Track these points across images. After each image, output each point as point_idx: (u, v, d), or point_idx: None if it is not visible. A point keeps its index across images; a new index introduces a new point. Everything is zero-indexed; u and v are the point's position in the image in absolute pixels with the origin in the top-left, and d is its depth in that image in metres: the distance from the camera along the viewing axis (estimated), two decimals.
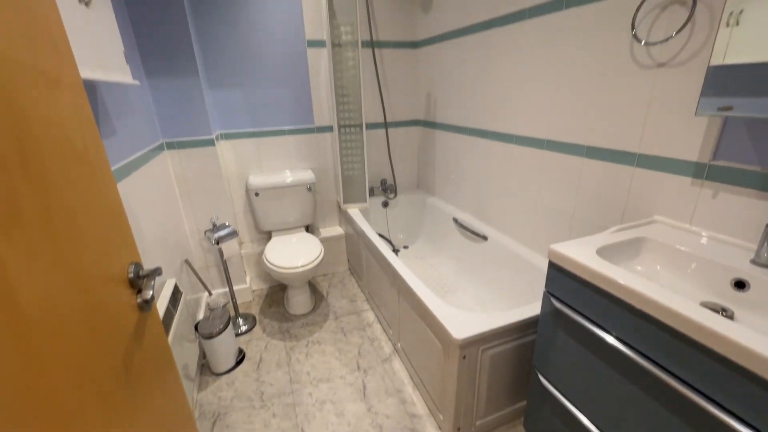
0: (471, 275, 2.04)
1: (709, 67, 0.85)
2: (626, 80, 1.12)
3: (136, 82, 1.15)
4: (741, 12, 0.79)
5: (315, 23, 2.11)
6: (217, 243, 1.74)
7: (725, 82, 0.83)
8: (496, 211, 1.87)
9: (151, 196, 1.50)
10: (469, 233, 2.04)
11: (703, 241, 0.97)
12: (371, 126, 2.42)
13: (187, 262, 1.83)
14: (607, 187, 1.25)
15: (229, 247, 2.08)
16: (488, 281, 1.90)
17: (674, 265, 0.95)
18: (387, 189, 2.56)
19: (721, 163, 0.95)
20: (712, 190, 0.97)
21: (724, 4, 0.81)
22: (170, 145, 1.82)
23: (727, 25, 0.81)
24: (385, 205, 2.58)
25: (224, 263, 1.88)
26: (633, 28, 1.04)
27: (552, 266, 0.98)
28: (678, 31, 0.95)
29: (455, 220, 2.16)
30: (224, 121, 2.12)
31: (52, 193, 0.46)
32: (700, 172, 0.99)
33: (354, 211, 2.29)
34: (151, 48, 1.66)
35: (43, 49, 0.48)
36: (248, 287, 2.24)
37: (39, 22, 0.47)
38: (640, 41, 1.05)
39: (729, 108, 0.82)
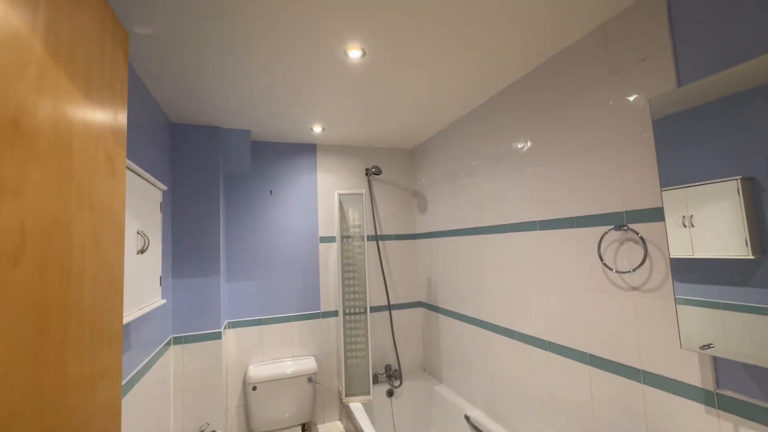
0: None
1: (677, 298, 0.95)
2: (607, 297, 1.23)
3: (164, 302, 1.27)
4: (692, 216, 0.94)
5: (327, 223, 2.47)
6: None
7: (693, 276, 0.91)
8: (511, 410, 1.72)
9: (145, 403, 1.43)
10: None
11: None
12: (375, 309, 2.50)
13: None
14: (622, 403, 1.20)
15: None
16: None
17: None
18: (392, 376, 2.43)
19: (727, 393, 0.94)
20: (732, 423, 0.93)
21: (661, 225, 0.98)
22: (177, 340, 1.85)
23: (684, 226, 0.95)
24: (390, 394, 2.40)
25: None
26: (601, 258, 1.22)
27: None
28: (636, 268, 1.11)
29: (467, 419, 1.96)
30: (233, 310, 2.21)
31: None
32: (710, 400, 0.97)
33: (356, 405, 2.12)
34: (184, 254, 1.89)
35: (101, 353, 0.57)
36: None
37: (104, 332, 0.58)
38: (610, 269, 1.20)
39: (709, 346, 0.88)
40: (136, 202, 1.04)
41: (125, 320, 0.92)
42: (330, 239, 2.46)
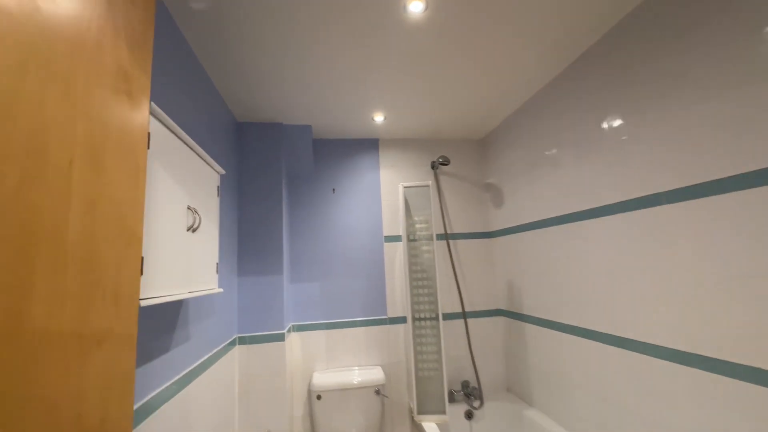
0: None
1: None
2: None
3: (220, 290, 1.19)
4: None
5: (392, 221, 2.29)
6: None
7: None
8: None
9: (209, 400, 1.37)
10: None
11: None
12: (448, 316, 2.22)
13: None
14: None
15: None
16: None
17: None
18: (470, 394, 2.10)
19: None
20: None
21: None
22: (242, 340, 1.79)
23: None
24: (470, 416, 2.07)
25: None
26: None
27: None
28: None
29: None
30: (298, 313, 2.12)
31: None
32: None
33: (430, 425, 1.84)
34: (248, 252, 1.87)
35: (100, 309, 0.44)
36: None
37: (104, 282, 0.45)
38: None
39: None
40: (187, 176, 0.98)
41: (171, 298, 0.82)
42: (395, 238, 2.28)
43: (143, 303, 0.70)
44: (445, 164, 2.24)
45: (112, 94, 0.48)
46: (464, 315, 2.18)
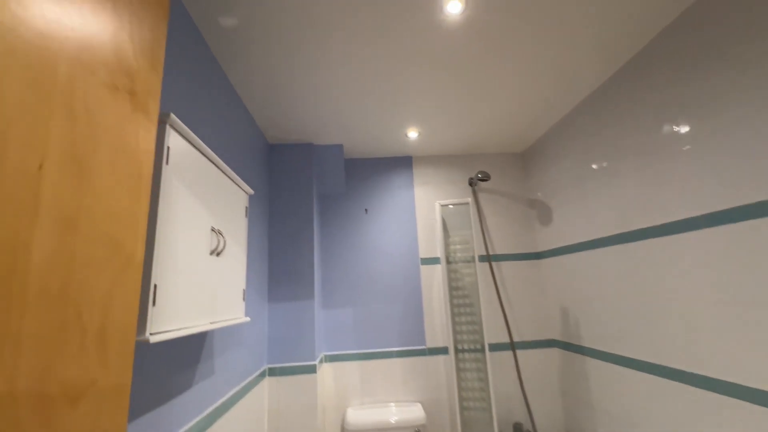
0: None
1: None
2: None
3: (247, 320, 1.10)
4: None
5: (428, 242, 2.15)
6: None
7: None
8: None
9: None
10: None
11: None
12: (494, 347, 2.00)
13: None
14: None
15: None
16: None
17: None
18: None
19: None
20: None
21: None
22: (272, 372, 1.68)
23: None
24: None
25: None
26: None
27: None
28: None
29: None
30: (330, 342, 1.99)
31: None
32: None
33: None
34: (279, 277, 1.79)
35: (76, 354, 0.34)
36: None
37: (84, 321, 0.36)
38: None
39: None
40: (211, 195, 0.91)
41: (189, 330, 0.73)
42: (433, 260, 2.12)
43: (153, 339, 0.61)
44: (485, 180, 2.08)
45: (108, 90, 0.40)
46: (513, 346, 1.95)
